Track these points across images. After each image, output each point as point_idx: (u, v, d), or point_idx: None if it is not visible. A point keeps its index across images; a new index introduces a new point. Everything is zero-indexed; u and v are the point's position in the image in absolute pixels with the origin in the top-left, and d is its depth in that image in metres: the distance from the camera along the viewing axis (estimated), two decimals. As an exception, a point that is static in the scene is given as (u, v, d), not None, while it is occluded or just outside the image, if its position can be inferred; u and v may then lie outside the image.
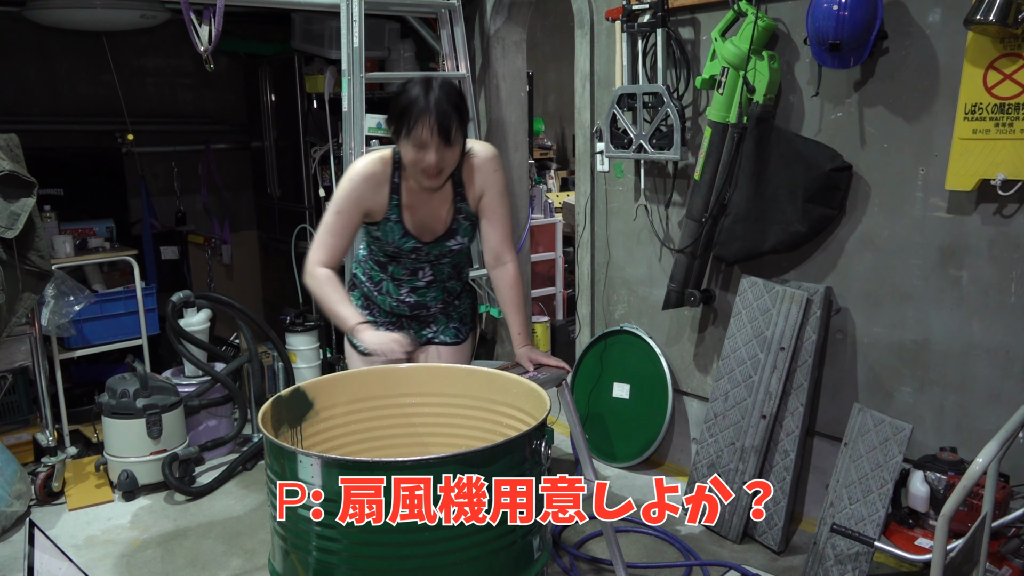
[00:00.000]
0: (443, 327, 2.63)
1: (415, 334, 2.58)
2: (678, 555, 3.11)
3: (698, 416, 3.75)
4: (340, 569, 1.68)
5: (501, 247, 2.49)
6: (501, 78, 4.63)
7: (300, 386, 2.08)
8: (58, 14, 4.00)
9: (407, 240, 2.44)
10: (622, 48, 3.63)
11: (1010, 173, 2.53)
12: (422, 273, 2.53)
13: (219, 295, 4.28)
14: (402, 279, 2.54)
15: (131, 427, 3.61)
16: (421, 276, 2.53)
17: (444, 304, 2.62)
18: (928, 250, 2.85)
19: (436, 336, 2.62)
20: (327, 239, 2.37)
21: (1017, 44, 2.48)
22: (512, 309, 2.53)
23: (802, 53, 3.08)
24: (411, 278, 2.53)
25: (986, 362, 2.75)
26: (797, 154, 3.05)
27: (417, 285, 2.55)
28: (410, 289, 2.55)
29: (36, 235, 3.50)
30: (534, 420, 1.92)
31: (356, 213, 2.38)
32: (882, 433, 2.75)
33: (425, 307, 2.59)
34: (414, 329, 2.60)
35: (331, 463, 1.63)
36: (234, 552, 3.21)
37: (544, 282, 5.63)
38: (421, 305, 2.58)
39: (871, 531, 2.65)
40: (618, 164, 3.89)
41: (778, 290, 3.17)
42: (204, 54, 3.07)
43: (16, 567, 3.06)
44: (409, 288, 2.55)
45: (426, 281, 2.54)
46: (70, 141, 5.00)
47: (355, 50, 3.76)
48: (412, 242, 2.45)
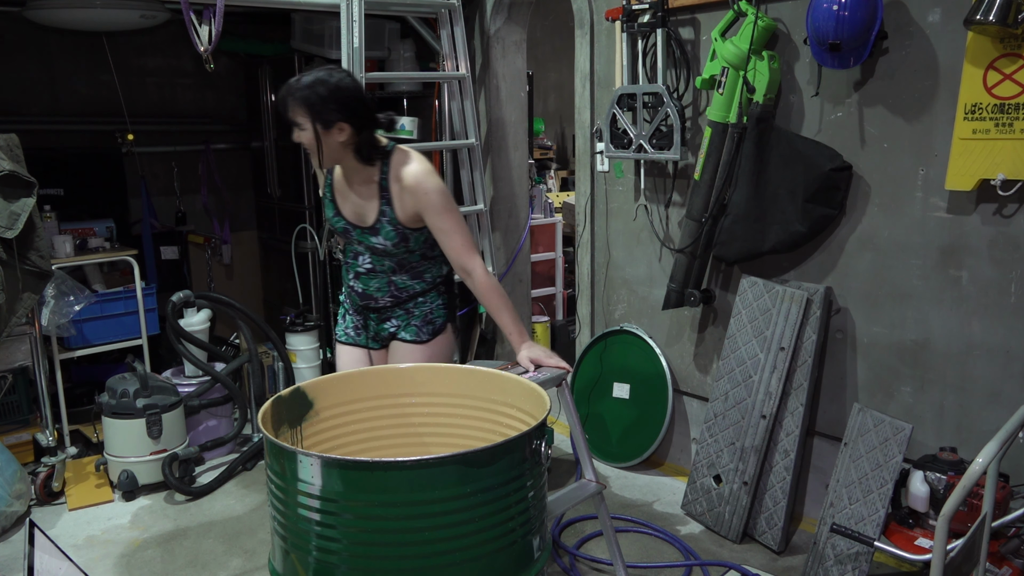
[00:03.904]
0: (404, 324, 2.68)
1: (376, 326, 2.71)
2: (678, 555, 3.11)
3: (698, 416, 3.75)
4: (340, 569, 1.68)
5: (460, 259, 2.53)
6: (501, 78, 4.63)
7: (300, 386, 2.08)
8: (58, 14, 4.00)
9: (339, 220, 2.63)
10: (622, 48, 3.63)
11: (1010, 173, 2.53)
12: (362, 259, 2.65)
13: (219, 295, 4.28)
14: (349, 263, 2.70)
15: (131, 427, 3.61)
16: (361, 262, 2.65)
17: (394, 299, 2.66)
18: (928, 250, 2.85)
19: (398, 332, 2.69)
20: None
21: (1017, 44, 2.48)
22: (496, 314, 2.55)
23: (802, 53, 3.08)
24: (353, 262, 2.67)
25: (986, 362, 2.75)
26: (797, 154, 3.06)
27: (359, 271, 2.66)
28: (355, 275, 2.68)
29: (36, 235, 3.50)
30: (534, 420, 1.92)
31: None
32: (882, 433, 2.75)
33: (373, 298, 2.67)
34: (374, 321, 2.71)
35: (331, 463, 1.63)
36: (234, 552, 3.21)
37: (544, 282, 5.63)
38: (368, 296, 2.67)
39: (871, 531, 2.65)
40: (618, 164, 3.89)
41: (778, 290, 3.17)
42: (204, 54, 3.07)
43: (16, 567, 3.06)
44: (354, 274, 2.68)
45: (366, 268, 2.64)
46: (70, 141, 5.00)
47: (355, 50, 3.76)
48: (343, 222, 2.62)
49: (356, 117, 2.41)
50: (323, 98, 2.37)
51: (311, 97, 2.37)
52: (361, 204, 2.58)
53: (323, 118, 2.38)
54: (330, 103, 2.37)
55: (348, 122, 2.40)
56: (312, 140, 2.41)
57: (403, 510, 1.63)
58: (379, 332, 2.72)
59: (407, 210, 2.51)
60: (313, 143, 2.42)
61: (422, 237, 2.58)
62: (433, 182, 2.49)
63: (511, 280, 4.84)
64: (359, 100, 2.43)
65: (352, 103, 2.41)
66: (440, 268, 2.69)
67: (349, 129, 2.41)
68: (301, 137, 2.44)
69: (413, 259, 2.63)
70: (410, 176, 2.48)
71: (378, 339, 2.73)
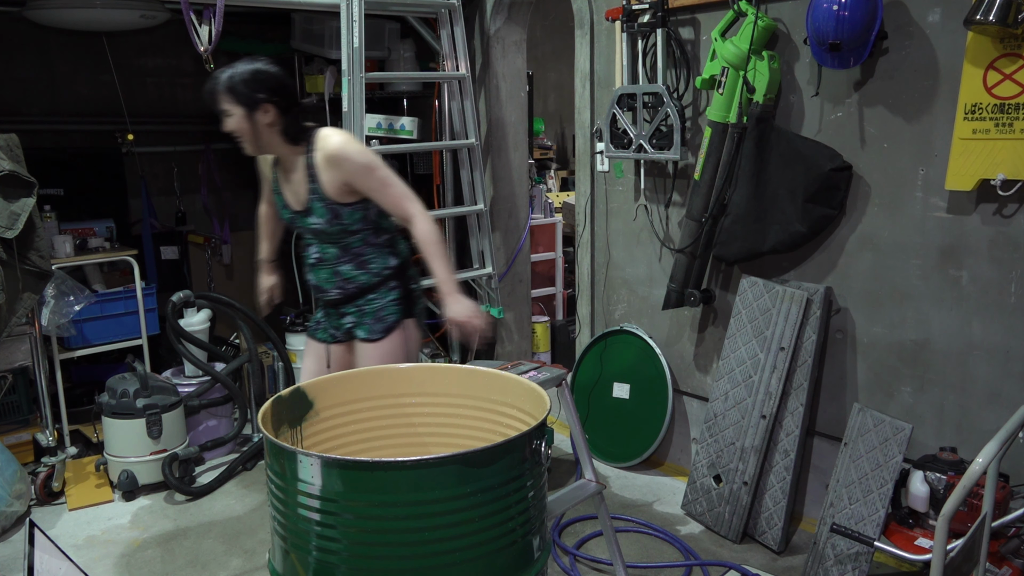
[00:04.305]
0: (359, 321, 2.71)
1: (336, 320, 2.76)
2: (678, 555, 3.11)
3: (698, 416, 3.75)
4: (340, 569, 1.68)
5: (398, 209, 2.59)
6: (501, 78, 4.63)
7: (300, 386, 2.08)
8: (58, 14, 4.00)
9: (286, 211, 2.70)
10: (622, 48, 3.63)
11: (1010, 173, 2.54)
12: (312, 249, 2.72)
13: (219, 295, 4.28)
14: (303, 255, 2.77)
15: (131, 427, 3.61)
16: (311, 253, 2.72)
17: (342, 291, 2.69)
18: (928, 250, 2.85)
19: (354, 329, 2.72)
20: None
21: (1017, 44, 2.48)
22: (430, 261, 2.57)
23: (802, 53, 3.08)
24: (306, 254, 2.74)
25: (986, 362, 2.75)
26: (797, 154, 3.06)
27: (310, 262, 2.73)
28: (309, 266, 2.75)
29: (36, 235, 3.50)
30: (534, 420, 1.92)
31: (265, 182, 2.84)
32: (882, 433, 2.75)
33: (324, 291, 2.73)
34: (333, 315, 2.76)
35: (331, 463, 1.63)
36: (234, 552, 3.21)
37: (544, 282, 5.63)
38: (321, 288, 2.74)
39: (871, 531, 2.65)
40: (618, 164, 3.89)
41: (778, 290, 3.17)
42: (204, 54, 3.07)
43: (16, 567, 3.06)
44: (308, 265, 2.75)
45: (315, 258, 2.71)
46: (70, 141, 5.00)
47: (355, 50, 3.76)
48: (288, 213, 2.70)
49: (279, 97, 2.52)
50: (245, 81, 2.49)
51: (233, 81, 2.49)
52: (296, 188, 2.65)
53: (247, 100, 2.49)
54: (252, 85, 2.49)
55: (272, 103, 2.51)
56: (240, 125, 2.52)
57: (403, 510, 1.63)
58: (338, 327, 2.75)
59: (335, 183, 2.56)
60: (242, 127, 2.53)
61: (357, 214, 2.60)
62: (354, 147, 2.56)
63: (511, 280, 4.84)
64: (281, 82, 2.55)
65: (274, 84, 2.52)
66: (387, 259, 2.69)
67: (274, 110, 2.52)
68: (230, 124, 2.54)
69: (354, 244, 2.65)
70: (331, 146, 2.55)
71: (337, 335, 2.76)
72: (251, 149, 2.60)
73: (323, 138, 2.58)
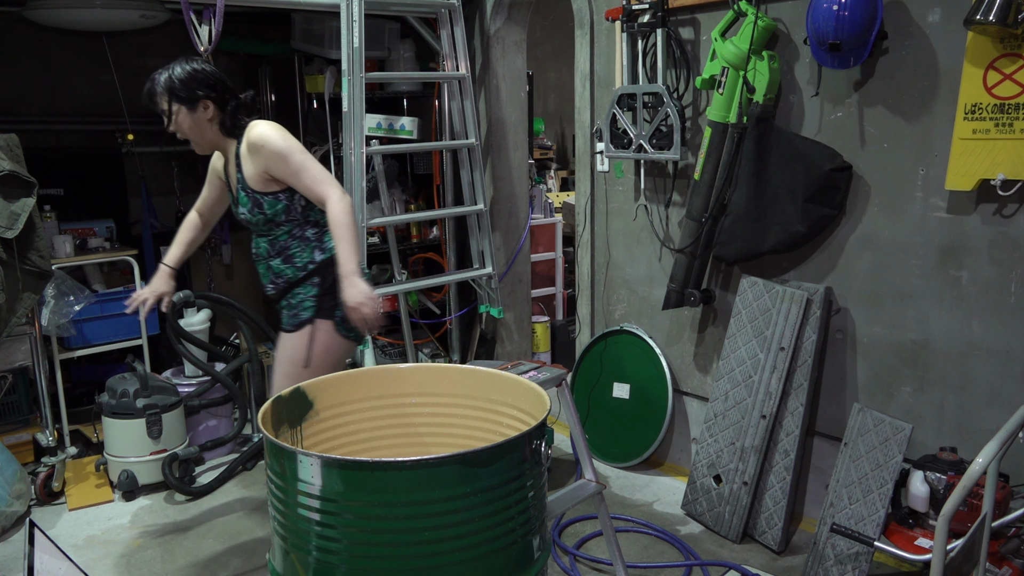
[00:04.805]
0: (286, 313, 2.76)
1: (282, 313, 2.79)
2: (678, 555, 3.11)
3: (698, 416, 3.75)
4: (340, 569, 1.68)
5: (315, 192, 2.60)
6: (501, 78, 4.63)
7: (300, 386, 2.08)
8: (58, 14, 3.99)
9: (234, 204, 2.75)
10: (622, 48, 3.63)
11: (1010, 173, 2.53)
12: (252, 244, 2.79)
13: (219, 295, 4.28)
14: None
15: (131, 427, 3.61)
16: (252, 247, 2.79)
17: (275, 286, 2.74)
18: (928, 250, 2.85)
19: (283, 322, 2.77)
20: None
21: (1017, 44, 2.48)
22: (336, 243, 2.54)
23: (802, 53, 3.08)
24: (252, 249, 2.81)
25: (986, 362, 2.75)
26: (797, 154, 3.06)
27: (253, 258, 2.80)
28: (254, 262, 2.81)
29: (36, 235, 3.50)
30: (534, 420, 1.92)
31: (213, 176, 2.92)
32: (882, 433, 2.75)
33: (264, 286, 2.79)
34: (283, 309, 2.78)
35: (331, 463, 1.63)
36: (234, 552, 3.21)
37: (544, 282, 5.63)
38: (263, 284, 2.79)
39: (871, 531, 2.65)
40: (618, 164, 3.89)
41: (778, 290, 3.17)
42: (204, 54, 3.08)
43: (16, 567, 3.06)
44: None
45: (254, 253, 2.79)
46: (70, 141, 5.00)
47: (355, 50, 3.76)
48: (234, 206, 2.76)
49: (216, 92, 2.60)
50: (182, 80, 2.57)
51: (171, 82, 2.57)
52: (232, 181, 2.72)
53: (186, 98, 2.57)
54: (189, 83, 2.57)
55: (210, 98, 2.59)
56: (183, 122, 2.60)
57: (403, 510, 1.63)
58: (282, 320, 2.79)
59: (254, 171, 2.61)
60: (185, 125, 2.61)
61: (279, 204, 2.63)
62: (273, 134, 2.59)
63: (511, 280, 4.84)
64: (217, 78, 2.63)
65: (210, 81, 2.60)
66: (311, 253, 2.69)
67: (213, 105, 2.60)
68: (173, 124, 2.62)
69: (280, 237, 2.68)
70: (254, 134, 2.59)
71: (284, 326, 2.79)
72: (199, 148, 2.69)
73: (250, 128, 2.63)
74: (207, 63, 2.65)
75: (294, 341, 2.71)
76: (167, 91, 2.57)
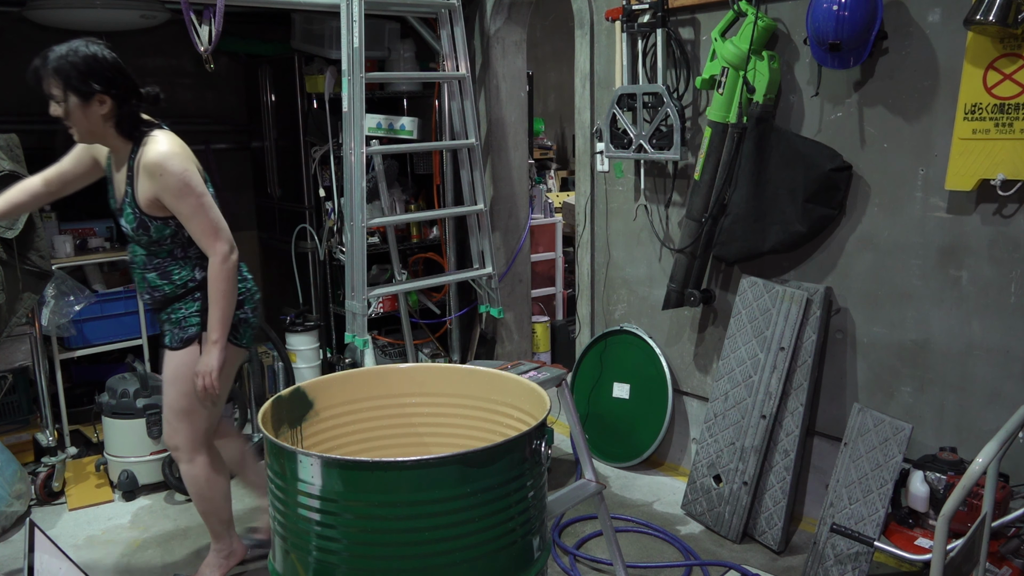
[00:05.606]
0: (167, 328, 2.64)
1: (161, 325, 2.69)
2: (678, 555, 3.11)
3: (698, 416, 3.75)
4: (340, 569, 1.68)
5: (202, 244, 2.48)
6: (501, 78, 4.63)
7: (300, 386, 2.08)
8: (58, 14, 4.00)
9: (113, 202, 2.59)
10: (622, 48, 3.63)
11: (1010, 173, 2.54)
12: (128, 249, 2.64)
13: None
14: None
15: (131, 427, 3.61)
16: (128, 253, 2.65)
17: (151, 297, 2.62)
18: (928, 250, 2.85)
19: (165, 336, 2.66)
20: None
21: (1017, 44, 2.48)
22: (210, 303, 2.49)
23: (802, 53, 3.08)
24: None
25: (986, 362, 2.75)
26: (797, 154, 3.06)
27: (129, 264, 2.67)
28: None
29: (36, 235, 3.50)
30: (534, 420, 1.92)
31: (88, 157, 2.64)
32: (882, 433, 2.75)
33: (141, 295, 2.67)
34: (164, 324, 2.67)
35: (331, 463, 1.63)
36: (234, 552, 3.21)
37: (544, 282, 5.63)
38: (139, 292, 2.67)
39: (871, 531, 2.65)
40: (618, 164, 3.89)
41: (778, 290, 3.17)
42: (204, 54, 3.07)
43: (16, 567, 3.06)
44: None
45: (130, 259, 2.64)
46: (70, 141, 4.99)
47: (355, 50, 3.76)
48: (114, 204, 2.59)
49: (116, 88, 2.36)
50: (79, 68, 2.31)
51: (65, 67, 2.31)
52: (118, 186, 2.54)
53: (80, 89, 2.32)
54: (86, 74, 2.32)
55: (108, 94, 2.35)
56: (71, 114, 2.36)
57: (403, 510, 1.63)
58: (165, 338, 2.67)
59: (147, 194, 2.43)
60: (74, 116, 2.37)
61: (167, 230, 2.49)
62: (176, 164, 2.39)
63: (511, 280, 4.84)
64: (118, 71, 2.38)
65: (110, 74, 2.35)
66: (192, 271, 2.58)
67: (110, 102, 2.37)
68: (58, 111, 2.37)
69: (160, 253, 2.55)
70: (152, 155, 2.39)
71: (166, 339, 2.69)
72: (80, 138, 2.45)
73: (151, 142, 2.43)
74: (109, 50, 2.38)
75: (184, 358, 2.59)
76: (58, 75, 2.31)
